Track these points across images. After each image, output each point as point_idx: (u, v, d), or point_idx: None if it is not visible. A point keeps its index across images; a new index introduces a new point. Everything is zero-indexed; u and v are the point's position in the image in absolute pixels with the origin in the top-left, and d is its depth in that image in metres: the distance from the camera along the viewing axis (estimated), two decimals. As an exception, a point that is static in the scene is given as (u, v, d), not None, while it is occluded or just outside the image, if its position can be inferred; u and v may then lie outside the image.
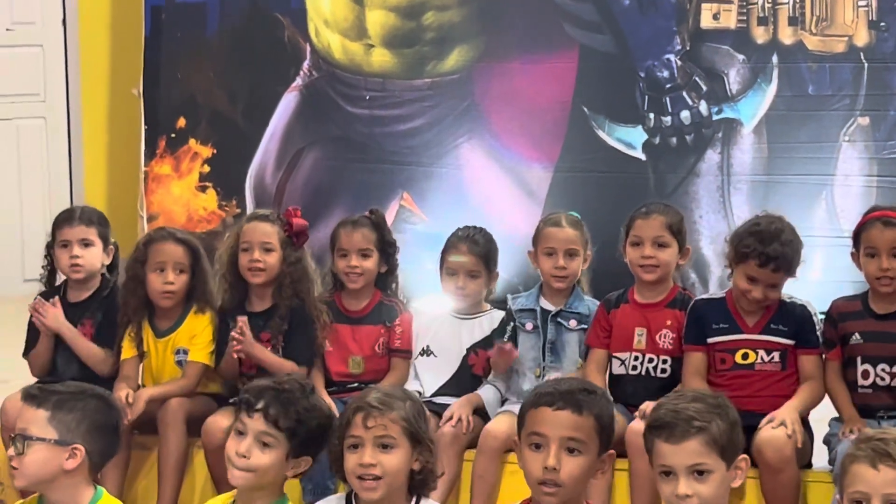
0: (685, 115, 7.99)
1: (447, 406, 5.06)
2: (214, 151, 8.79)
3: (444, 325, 5.27)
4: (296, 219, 5.25)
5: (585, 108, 8.15)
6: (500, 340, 5.08)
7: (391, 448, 3.50)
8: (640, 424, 4.21)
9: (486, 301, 5.35)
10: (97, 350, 5.32)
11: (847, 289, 5.02)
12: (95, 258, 5.39)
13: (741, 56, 7.92)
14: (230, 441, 3.62)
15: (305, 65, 8.64)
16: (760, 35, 7.90)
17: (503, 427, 4.84)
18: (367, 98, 8.54)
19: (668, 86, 7.99)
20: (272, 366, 5.06)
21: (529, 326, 5.14)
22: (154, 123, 8.84)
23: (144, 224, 8.64)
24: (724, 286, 5.13)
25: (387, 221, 5.47)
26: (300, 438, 3.60)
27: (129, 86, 8.88)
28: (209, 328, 5.23)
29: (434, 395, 5.15)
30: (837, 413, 4.78)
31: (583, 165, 8.16)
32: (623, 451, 4.69)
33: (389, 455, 3.50)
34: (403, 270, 5.44)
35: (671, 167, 8.05)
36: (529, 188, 8.23)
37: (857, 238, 4.80)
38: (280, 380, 3.70)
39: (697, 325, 4.85)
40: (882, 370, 4.72)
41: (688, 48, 7.97)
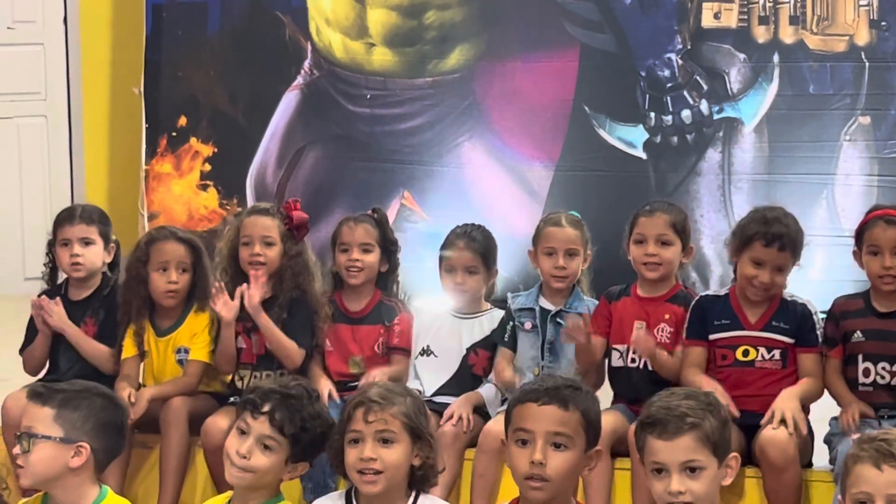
0: (686, 115, 8.00)
1: (447, 405, 5.06)
2: (215, 150, 8.79)
3: (444, 325, 5.27)
4: (296, 212, 5.25)
5: (586, 107, 8.15)
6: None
7: (391, 443, 3.51)
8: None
9: (487, 300, 5.34)
10: (102, 348, 5.32)
11: (848, 288, 5.02)
12: (96, 257, 5.39)
13: (742, 55, 7.92)
14: (231, 438, 3.62)
15: (306, 63, 8.64)
16: (761, 34, 7.90)
17: (503, 426, 4.83)
18: (369, 97, 8.54)
19: (669, 85, 7.99)
20: (272, 336, 5.09)
21: (528, 326, 5.14)
22: (155, 122, 8.84)
23: (145, 222, 8.65)
24: (725, 285, 5.13)
25: (389, 220, 5.47)
26: (302, 445, 3.61)
27: (130, 84, 8.88)
28: (210, 327, 5.23)
29: (434, 395, 5.15)
30: (838, 405, 4.78)
31: (584, 164, 8.16)
32: (624, 451, 4.69)
33: (390, 450, 3.50)
34: (404, 269, 5.44)
35: (672, 166, 8.05)
36: (530, 187, 8.23)
37: (860, 236, 4.80)
38: (286, 384, 3.69)
39: (700, 321, 4.85)
40: (883, 368, 4.73)
41: (689, 47, 7.97)
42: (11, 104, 9.09)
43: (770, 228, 4.72)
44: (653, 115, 8.03)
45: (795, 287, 4.86)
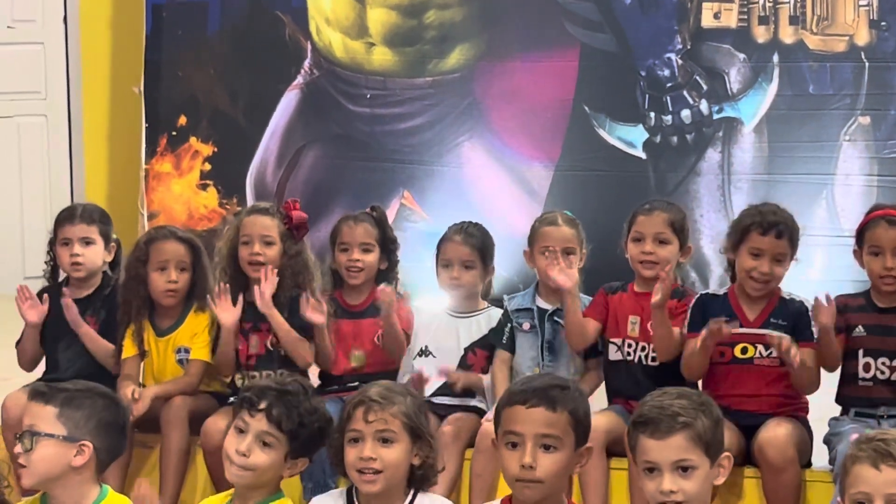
0: (686, 114, 8.00)
1: (446, 406, 5.07)
2: (215, 149, 8.79)
3: (442, 325, 5.26)
4: (295, 211, 5.25)
5: (586, 107, 8.16)
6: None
7: (391, 442, 3.52)
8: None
9: (485, 300, 5.34)
10: (111, 347, 5.31)
11: (847, 288, 5.02)
12: (96, 256, 5.40)
13: (742, 55, 7.92)
14: (230, 438, 3.62)
15: (306, 63, 8.64)
16: (761, 34, 7.90)
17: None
18: (368, 96, 8.54)
19: (669, 85, 8.00)
20: (286, 334, 5.11)
21: (527, 326, 5.14)
22: (155, 121, 8.84)
23: (145, 222, 8.65)
24: (725, 285, 5.13)
25: (388, 218, 5.48)
26: (301, 440, 3.61)
27: (130, 84, 8.89)
28: (209, 326, 5.24)
29: (433, 396, 5.14)
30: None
31: (583, 164, 8.16)
32: (621, 451, 4.70)
33: (389, 449, 3.51)
34: (404, 269, 5.44)
35: (672, 166, 8.05)
36: (530, 187, 8.24)
37: (861, 236, 4.80)
38: (282, 380, 3.70)
39: (701, 316, 4.84)
40: (882, 363, 4.74)
41: (689, 47, 7.98)
42: (11, 103, 9.09)
43: (766, 217, 4.75)
44: (652, 115, 8.03)
45: (796, 287, 4.87)
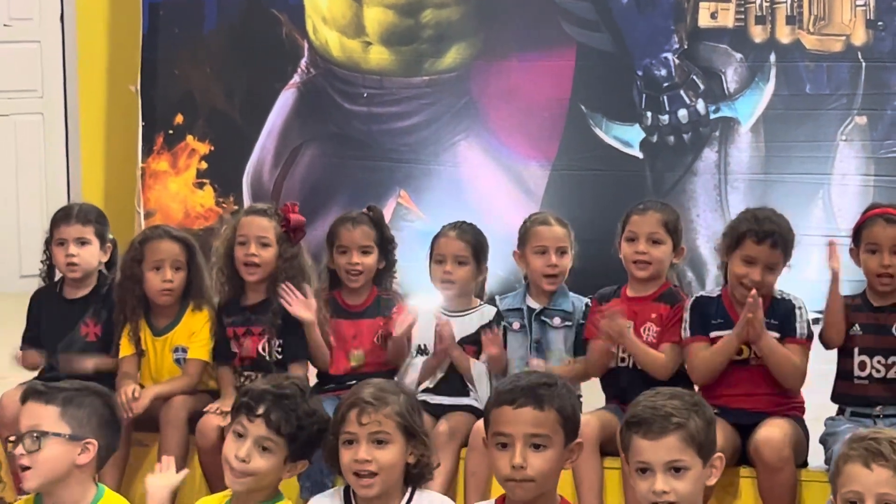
0: (682, 114, 8.00)
1: (441, 405, 5.06)
2: (212, 148, 8.79)
3: (435, 323, 5.25)
4: (293, 214, 5.24)
5: (583, 107, 8.16)
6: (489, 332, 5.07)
7: (386, 443, 3.51)
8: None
9: (478, 299, 5.32)
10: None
11: (844, 288, 5.01)
12: (92, 256, 5.38)
13: (739, 55, 7.93)
14: (229, 443, 3.61)
15: (303, 62, 8.64)
16: (758, 34, 7.91)
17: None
18: (365, 95, 8.54)
19: (666, 84, 8.00)
20: (315, 340, 5.13)
21: (517, 326, 5.14)
22: (151, 120, 8.84)
23: (142, 220, 8.65)
24: (721, 285, 5.13)
25: (385, 218, 5.48)
26: (299, 443, 3.61)
27: (127, 82, 8.89)
28: (207, 325, 5.22)
29: (428, 394, 5.13)
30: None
31: (580, 164, 8.17)
32: (616, 450, 4.69)
33: (384, 450, 3.51)
34: (400, 268, 5.44)
35: (668, 166, 8.06)
36: (527, 186, 8.24)
37: (858, 234, 4.80)
38: (280, 384, 3.68)
39: (701, 319, 4.83)
40: (878, 362, 4.74)
41: (685, 47, 7.98)
42: (8, 101, 9.08)
43: (762, 226, 4.72)
44: (649, 115, 8.04)
45: (792, 287, 4.86)
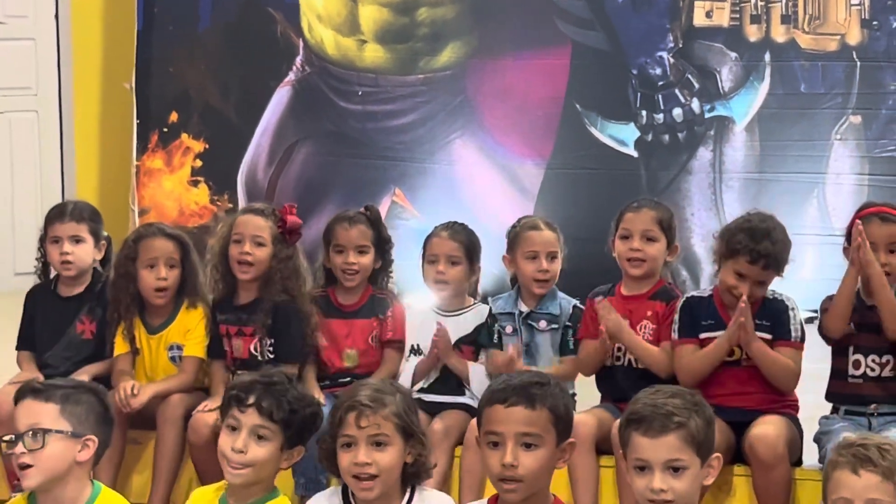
0: (677, 113, 8.01)
1: (437, 404, 5.06)
2: (206, 146, 8.79)
3: (429, 323, 5.24)
4: (290, 216, 5.23)
5: (578, 105, 8.16)
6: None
7: (385, 446, 3.51)
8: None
9: (472, 298, 5.32)
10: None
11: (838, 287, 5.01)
12: (86, 254, 5.38)
13: (734, 54, 7.94)
14: (223, 438, 3.60)
15: (298, 60, 8.64)
16: (753, 33, 7.92)
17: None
18: (360, 93, 8.55)
19: (661, 83, 8.01)
20: None
21: (510, 330, 5.13)
22: (146, 118, 8.84)
23: (136, 218, 8.65)
24: (715, 283, 5.13)
25: (382, 218, 5.47)
26: (294, 428, 3.61)
27: (122, 80, 8.88)
28: (203, 322, 5.22)
29: (423, 393, 5.13)
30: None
31: (575, 162, 8.17)
32: (610, 449, 4.70)
33: (383, 453, 3.50)
34: (395, 267, 5.44)
35: (663, 164, 8.06)
36: (521, 185, 8.24)
37: (851, 234, 4.80)
38: (266, 373, 3.70)
39: (691, 320, 4.83)
40: (873, 360, 4.74)
41: (680, 46, 7.99)
42: (3, 99, 9.07)
43: (757, 245, 4.67)
44: (644, 114, 8.04)
45: (786, 286, 4.85)
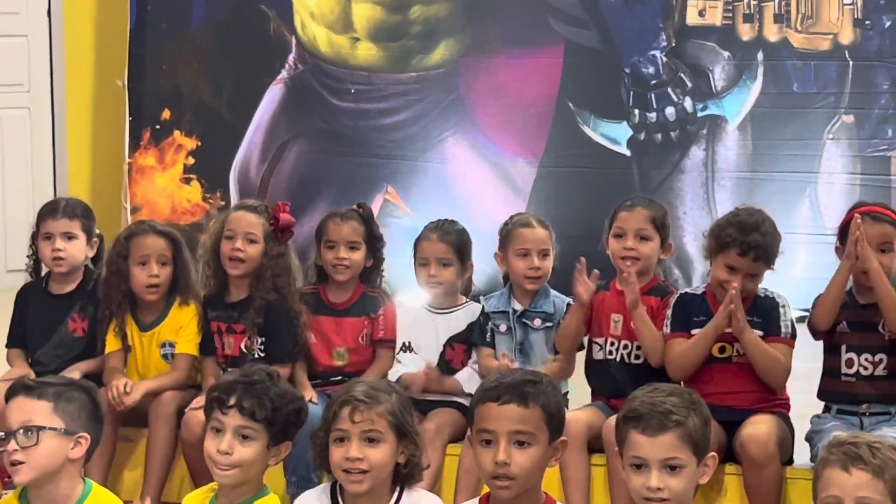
0: (670, 112, 8.02)
1: (428, 402, 5.06)
2: (199, 143, 8.78)
3: (421, 321, 5.25)
4: (283, 214, 5.23)
5: (571, 104, 8.17)
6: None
7: (377, 442, 3.51)
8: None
9: (464, 296, 5.32)
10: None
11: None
12: (79, 251, 5.37)
13: (726, 53, 7.95)
14: (209, 440, 3.60)
15: (291, 57, 8.64)
16: (746, 32, 7.92)
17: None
18: (353, 91, 8.54)
19: (654, 82, 8.02)
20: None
21: (503, 328, 5.13)
22: (138, 115, 8.83)
23: (128, 216, 8.64)
24: (706, 282, 5.13)
25: (374, 215, 5.47)
26: (278, 426, 3.61)
27: (114, 77, 8.87)
28: (195, 319, 5.22)
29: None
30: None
31: (567, 161, 8.17)
32: (601, 448, 4.70)
33: (376, 449, 3.50)
34: (387, 265, 5.44)
35: (656, 163, 8.07)
36: (514, 183, 8.25)
37: (844, 232, 4.80)
38: (247, 371, 3.70)
39: (683, 315, 4.83)
40: (866, 359, 4.74)
41: (673, 45, 7.99)
42: (-6, 96, 9.08)
43: (747, 237, 4.68)
44: (637, 112, 8.05)
45: (777, 285, 4.86)
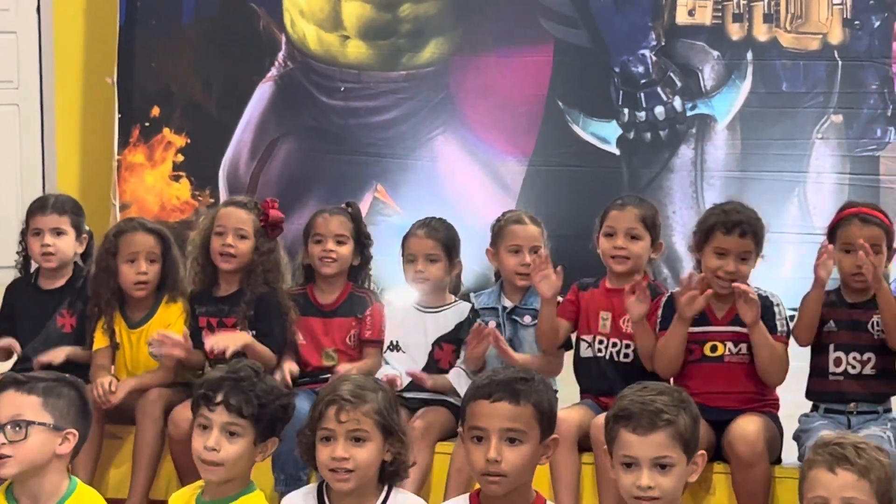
0: (659, 111, 8.02)
1: (417, 401, 5.06)
2: (188, 141, 8.77)
3: (409, 319, 5.25)
4: (273, 210, 5.24)
5: (560, 103, 8.17)
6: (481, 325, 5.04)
7: (364, 441, 3.50)
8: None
9: (454, 295, 5.32)
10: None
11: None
12: (68, 247, 5.38)
13: (716, 52, 7.96)
14: (196, 437, 3.60)
15: (280, 55, 8.63)
16: (735, 32, 7.93)
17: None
18: (342, 89, 8.54)
19: (643, 81, 8.02)
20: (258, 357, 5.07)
21: (493, 325, 5.13)
22: (128, 112, 8.82)
23: (117, 213, 8.63)
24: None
25: (363, 215, 5.47)
26: (265, 422, 3.61)
27: (104, 74, 8.86)
28: (182, 317, 5.22)
29: (404, 391, 5.13)
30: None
31: (557, 159, 8.18)
32: (590, 446, 4.70)
33: (362, 448, 3.50)
34: (376, 262, 5.44)
35: (645, 162, 8.07)
36: (503, 181, 8.25)
37: (832, 233, 4.81)
38: (234, 367, 3.69)
39: (673, 314, 4.83)
40: (854, 358, 4.75)
41: (663, 44, 8.00)
42: (-16, 92, 9.06)
43: (729, 217, 4.73)
44: (626, 111, 8.06)
45: (766, 284, 4.87)
